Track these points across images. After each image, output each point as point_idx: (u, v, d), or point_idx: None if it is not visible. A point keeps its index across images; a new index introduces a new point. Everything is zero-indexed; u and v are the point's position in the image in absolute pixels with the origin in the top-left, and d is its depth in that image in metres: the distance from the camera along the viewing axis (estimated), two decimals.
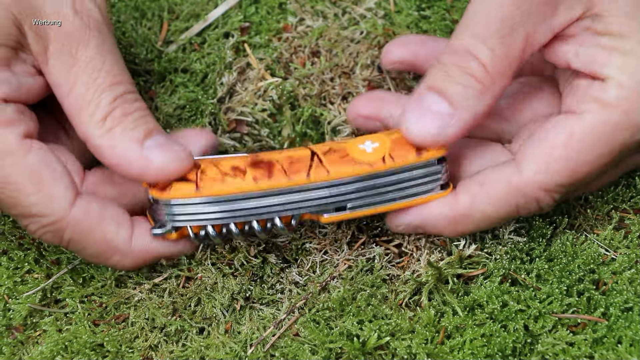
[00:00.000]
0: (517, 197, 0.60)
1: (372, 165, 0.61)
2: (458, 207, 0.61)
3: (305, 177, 0.61)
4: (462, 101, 0.58)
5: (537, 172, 0.59)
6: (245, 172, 0.61)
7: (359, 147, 0.62)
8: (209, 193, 0.61)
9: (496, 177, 0.60)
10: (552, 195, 0.60)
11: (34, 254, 0.67)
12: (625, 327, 0.60)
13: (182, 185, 0.61)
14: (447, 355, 0.60)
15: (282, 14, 0.78)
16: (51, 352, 0.63)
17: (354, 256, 0.66)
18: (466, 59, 0.59)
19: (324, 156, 0.62)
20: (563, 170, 0.59)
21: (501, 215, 0.61)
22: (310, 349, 0.61)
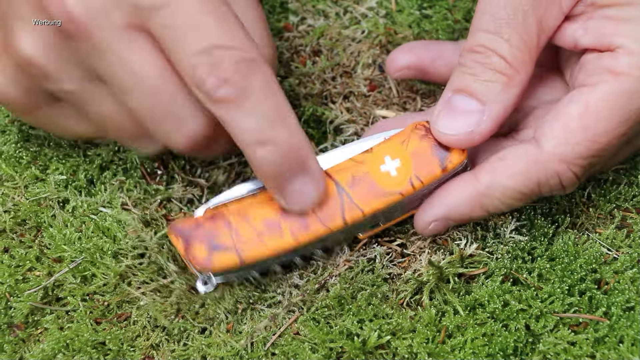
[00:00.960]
0: (538, 172, 0.59)
1: (403, 194, 0.61)
2: (479, 185, 0.61)
3: (342, 223, 0.61)
4: (490, 96, 0.59)
5: (556, 145, 0.59)
6: (280, 226, 0.60)
7: (381, 169, 0.61)
8: (252, 260, 0.60)
9: (516, 153, 0.60)
10: (573, 168, 0.59)
11: (35, 251, 0.67)
12: (627, 327, 0.60)
13: (224, 256, 0.60)
14: (448, 354, 0.60)
15: (284, 13, 0.78)
16: (52, 350, 0.63)
17: (355, 257, 0.66)
18: (486, 55, 0.59)
19: (351, 190, 0.61)
20: (582, 141, 0.58)
21: (523, 191, 0.60)
22: (310, 348, 0.61)
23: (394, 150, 0.62)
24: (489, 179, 0.60)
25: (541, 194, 0.61)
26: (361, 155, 0.62)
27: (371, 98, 0.75)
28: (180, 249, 0.62)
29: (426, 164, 0.61)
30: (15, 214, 0.69)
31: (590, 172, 0.62)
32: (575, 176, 0.60)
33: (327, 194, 0.61)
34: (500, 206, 0.61)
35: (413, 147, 0.62)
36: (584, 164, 0.59)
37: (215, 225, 0.61)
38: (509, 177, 0.60)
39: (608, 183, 0.68)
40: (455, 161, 0.61)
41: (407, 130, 0.63)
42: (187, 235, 0.61)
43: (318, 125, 0.74)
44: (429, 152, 0.61)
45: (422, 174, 0.61)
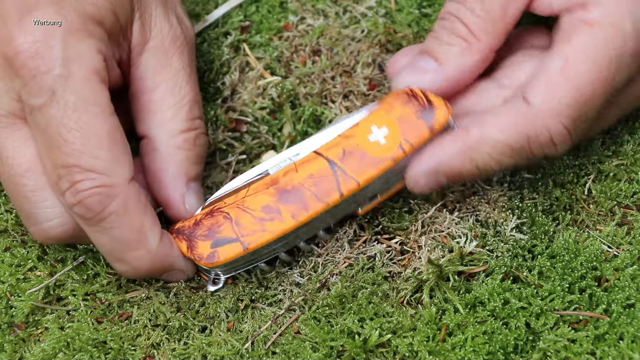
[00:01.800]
0: (527, 127, 0.60)
1: (395, 159, 0.62)
2: (469, 138, 0.62)
3: (339, 196, 0.62)
4: (447, 58, 0.63)
5: (543, 101, 0.60)
6: (279, 210, 0.62)
7: (370, 139, 0.63)
8: (256, 246, 0.62)
9: (506, 108, 0.62)
10: (563, 121, 0.60)
11: (37, 251, 0.67)
12: (627, 324, 0.60)
13: (228, 248, 0.62)
14: (448, 352, 0.60)
15: (283, 13, 0.78)
16: (53, 350, 0.63)
17: (355, 254, 0.66)
18: (451, 21, 0.63)
19: (343, 163, 0.62)
20: (567, 92, 0.60)
21: (513, 146, 0.61)
22: (311, 347, 0.61)
23: (380, 120, 0.63)
24: (479, 132, 0.62)
25: (532, 153, 0.62)
26: (348, 130, 0.64)
27: (371, 97, 0.75)
28: (185, 250, 0.63)
29: (413, 127, 0.63)
30: (16, 213, 0.69)
31: (581, 130, 0.62)
32: (566, 130, 0.61)
33: (320, 172, 0.62)
34: (489, 161, 0.62)
35: (398, 113, 0.63)
36: (574, 115, 0.60)
37: (215, 221, 0.62)
38: (499, 130, 0.61)
39: (609, 179, 0.68)
40: (442, 120, 0.62)
41: (389, 99, 0.64)
42: (189, 235, 0.63)
43: (317, 125, 0.74)
44: (414, 116, 0.63)
45: (410, 137, 0.62)
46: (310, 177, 0.63)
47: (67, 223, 0.61)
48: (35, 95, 0.58)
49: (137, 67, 0.64)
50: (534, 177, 0.69)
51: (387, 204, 0.68)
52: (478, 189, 0.69)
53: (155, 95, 0.64)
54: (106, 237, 0.60)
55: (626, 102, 0.66)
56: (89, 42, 0.59)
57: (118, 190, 0.59)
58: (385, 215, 0.68)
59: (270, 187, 0.63)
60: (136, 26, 0.63)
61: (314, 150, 0.64)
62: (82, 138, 0.58)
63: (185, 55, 0.65)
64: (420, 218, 0.67)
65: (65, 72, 0.58)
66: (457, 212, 0.67)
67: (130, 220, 0.60)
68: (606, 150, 0.70)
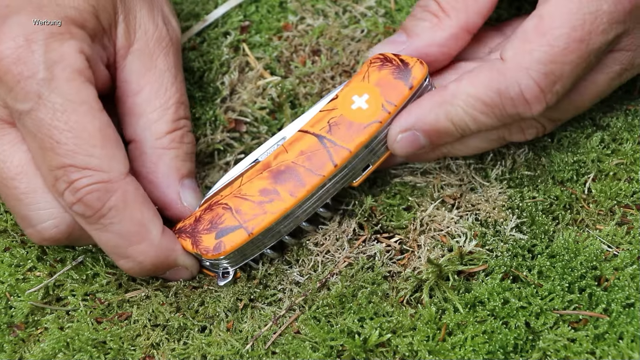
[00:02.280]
0: (499, 80, 0.61)
1: (381, 122, 0.64)
2: (445, 92, 0.63)
3: (333, 166, 0.63)
4: (416, 31, 0.66)
5: (514, 54, 0.61)
6: (277, 191, 0.62)
7: (353, 108, 0.64)
8: (260, 230, 0.62)
9: (483, 65, 0.63)
10: (532, 74, 0.60)
11: (36, 251, 0.67)
12: (627, 323, 0.60)
13: (233, 236, 0.62)
14: (448, 352, 0.60)
15: (283, 13, 0.78)
16: (52, 350, 0.63)
17: (355, 254, 0.66)
18: (426, 1, 0.67)
19: (331, 135, 0.64)
20: (538, 46, 0.61)
21: (485, 100, 0.62)
22: (311, 346, 0.61)
23: (358, 88, 0.65)
24: (454, 86, 0.63)
25: (505, 110, 0.62)
26: (329, 104, 0.65)
27: None
28: (190, 248, 0.63)
29: (393, 88, 0.64)
30: None
31: (555, 92, 0.62)
32: (536, 86, 0.61)
33: (310, 148, 0.64)
34: (464, 117, 0.63)
35: (375, 79, 0.65)
36: (544, 70, 0.61)
37: (215, 213, 0.63)
38: (471, 84, 0.62)
39: (609, 179, 0.68)
40: (419, 76, 0.64)
41: (363, 68, 0.66)
42: (192, 232, 0.63)
43: None
44: (392, 77, 0.65)
45: (392, 98, 0.64)
46: (302, 154, 0.64)
47: (61, 224, 0.61)
48: (21, 100, 0.58)
49: (122, 70, 0.64)
50: (534, 174, 0.69)
51: (384, 201, 0.68)
52: (476, 185, 0.69)
53: (140, 98, 0.64)
54: (108, 233, 0.60)
55: (606, 82, 0.65)
56: (70, 43, 0.59)
57: (116, 185, 0.59)
58: (384, 213, 0.68)
59: (264, 172, 0.64)
60: (120, 29, 0.63)
61: (298, 130, 0.65)
62: (74, 138, 0.58)
63: (171, 56, 0.65)
64: (419, 216, 0.67)
65: (49, 75, 0.58)
66: (456, 211, 0.67)
67: (130, 214, 0.60)
68: (606, 149, 0.70)
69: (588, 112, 0.71)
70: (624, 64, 0.65)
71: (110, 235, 0.60)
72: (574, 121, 0.71)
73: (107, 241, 0.61)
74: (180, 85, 0.65)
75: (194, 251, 0.63)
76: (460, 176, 0.70)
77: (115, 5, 0.63)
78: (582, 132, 0.70)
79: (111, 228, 0.60)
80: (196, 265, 0.65)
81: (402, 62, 0.65)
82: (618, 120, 0.71)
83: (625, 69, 0.65)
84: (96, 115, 0.59)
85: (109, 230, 0.60)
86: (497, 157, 0.70)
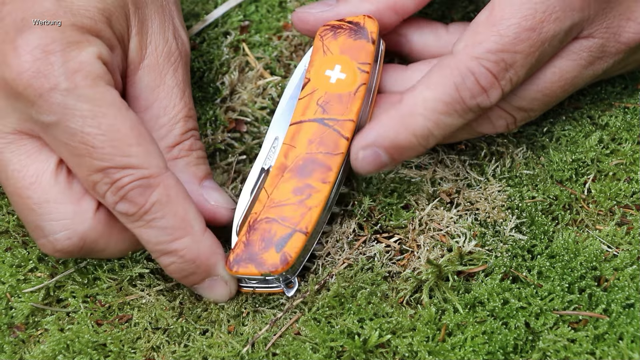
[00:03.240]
0: (453, 75, 0.61)
1: (365, 82, 0.64)
2: (402, 106, 0.63)
3: (346, 140, 0.64)
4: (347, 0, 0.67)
5: (464, 46, 0.62)
6: (308, 184, 0.63)
7: (332, 82, 0.65)
8: (313, 226, 0.63)
9: (435, 66, 0.63)
10: (484, 64, 0.61)
11: (37, 251, 0.67)
12: (627, 324, 0.60)
13: (292, 242, 0.62)
14: (448, 352, 0.60)
15: (282, 13, 0.78)
16: (53, 351, 0.63)
17: (355, 255, 0.66)
18: None
19: (328, 114, 0.64)
20: (488, 36, 0.61)
21: (444, 99, 0.62)
22: (311, 347, 0.62)
23: (326, 63, 0.66)
24: (410, 97, 0.63)
25: (465, 104, 0.62)
26: (305, 89, 0.65)
27: None
28: (256, 272, 0.62)
29: (358, 49, 0.65)
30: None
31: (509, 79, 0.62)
32: (489, 73, 0.61)
33: (316, 133, 0.64)
34: (426, 124, 0.62)
35: (336, 48, 0.66)
36: (495, 59, 0.61)
37: (262, 230, 0.63)
38: (427, 87, 0.62)
39: (608, 179, 0.68)
40: (374, 28, 0.65)
41: (317, 44, 0.66)
42: (250, 257, 0.62)
43: None
44: (351, 40, 0.66)
45: (362, 58, 0.65)
46: (311, 142, 0.64)
47: (74, 236, 0.61)
48: (46, 113, 0.58)
49: (131, 85, 0.64)
50: (533, 173, 0.69)
51: (382, 200, 0.68)
52: (472, 182, 0.69)
53: (149, 115, 0.64)
54: (152, 229, 0.60)
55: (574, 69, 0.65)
56: (88, 50, 0.59)
57: (158, 179, 0.59)
58: (383, 212, 0.68)
59: (285, 173, 0.63)
60: (133, 43, 0.63)
61: (290, 123, 0.65)
62: (109, 141, 0.58)
63: (180, 71, 0.65)
64: (418, 216, 0.67)
65: (72, 85, 0.58)
66: (455, 210, 0.67)
67: (174, 208, 0.60)
68: (605, 149, 0.69)
69: (586, 111, 0.71)
70: (593, 50, 0.64)
71: (154, 231, 0.60)
72: (572, 119, 0.71)
73: (151, 237, 0.60)
74: (188, 99, 0.66)
75: (262, 273, 0.62)
76: (455, 170, 0.69)
77: (129, 18, 0.63)
78: (580, 131, 0.70)
79: (155, 223, 0.60)
80: (235, 285, 0.64)
81: (352, 24, 0.66)
82: (617, 119, 0.71)
83: (596, 56, 0.65)
84: (126, 114, 0.59)
85: (153, 226, 0.60)
86: (495, 155, 0.70)
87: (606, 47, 0.64)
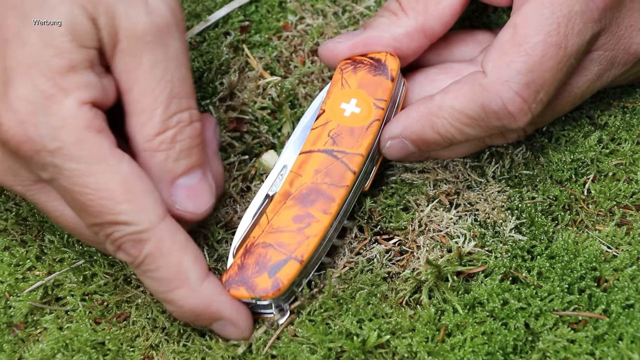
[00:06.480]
0: (482, 95, 0.61)
1: (379, 119, 0.65)
2: (431, 104, 0.64)
3: (352, 174, 0.64)
4: (375, 25, 0.68)
5: (493, 67, 0.61)
6: (309, 213, 0.62)
7: (346, 115, 0.65)
8: (309, 255, 0.62)
9: (466, 77, 0.63)
10: (514, 87, 0.60)
11: (36, 250, 0.67)
12: (627, 324, 0.60)
13: (286, 269, 0.61)
14: (447, 353, 0.60)
15: (282, 13, 0.78)
16: (52, 350, 0.63)
17: (355, 257, 0.66)
18: (389, 1, 0.69)
19: (338, 146, 0.64)
20: (516, 57, 0.61)
21: (469, 114, 0.62)
22: (309, 349, 0.61)
23: (342, 96, 0.66)
24: (440, 99, 0.63)
25: (491, 123, 0.62)
26: (319, 120, 0.66)
27: None
28: (246, 295, 0.61)
29: (376, 85, 0.66)
30: (17, 211, 0.69)
31: (539, 101, 0.62)
32: (519, 97, 0.61)
33: (323, 164, 0.64)
34: (450, 129, 0.63)
35: (355, 82, 0.66)
36: (525, 81, 0.60)
37: (258, 254, 0.62)
38: (456, 97, 0.62)
39: (608, 179, 0.68)
40: (395, 66, 0.66)
41: (336, 76, 0.67)
42: (242, 280, 0.62)
43: None
44: (371, 76, 0.66)
45: (379, 94, 0.65)
46: (317, 172, 0.64)
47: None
48: (41, 171, 0.59)
49: (113, 70, 0.61)
50: (532, 174, 0.69)
51: (382, 202, 0.68)
52: (472, 183, 0.69)
53: (130, 98, 0.61)
54: (149, 279, 0.60)
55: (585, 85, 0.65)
56: (69, 101, 0.58)
57: (149, 234, 0.59)
58: (383, 214, 0.68)
59: (288, 200, 0.63)
60: (104, 33, 0.60)
61: (300, 152, 0.65)
62: (97, 199, 0.58)
63: (159, 49, 0.60)
64: (418, 217, 0.67)
65: (57, 144, 0.57)
66: (455, 211, 0.67)
67: (167, 261, 0.59)
68: (604, 150, 0.69)
69: (585, 110, 0.71)
70: (603, 64, 0.65)
71: (151, 281, 0.60)
72: (571, 119, 0.71)
73: (150, 286, 0.61)
74: (172, 76, 0.61)
75: (252, 297, 0.61)
76: (455, 173, 0.69)
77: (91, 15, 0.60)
78: (579, 131, 0.70)
79: (150, 274, 0.60)
80: (246, 323, 0.63)
81: (373, 60, 0.66)
82: (616, 119, 0.71)
83: (605, 69, 0.65)
84: (115, 169, 0.58)
85: (149, 277, 0.60)
86: (495, 156, 0.70)
87: (615, 59, 0.65)
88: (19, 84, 0.58)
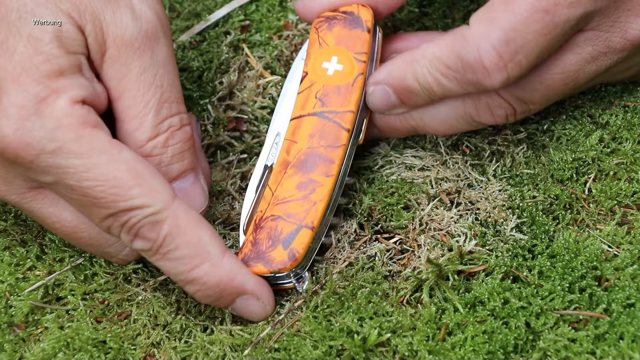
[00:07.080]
0: (461, 45, 0.61)
1: (363, 72, 0.65)
2: (416, 51, 0.64)
3: (347, 132, 0.64)
4: None
5: (478, 20, 0.61)
6: (311, 179, 0.63)
7: (329, 74, 0.65)
8: (319, 220, 0.63)
9: (453, 30, 0.63)
10: (492, 41, 0.60)
11: (36, 250, 0.67)
12: (627, 323, 0.60)
13: (299, 238, 0.62)
14: (448, 352, 0.60)
15: (283, 12, 0.78)
16: (53, 349, 0.63)
17: (355, 254, 0.66)
18: None
19: (327, 107, 0.64)
20: (501, 15, 0.60)
21: (447, 63, 0.62)
22: (311, 344, 0.61)
23: (322, 55, 0.66)
24: (425, 47, 0.63)
25: (466, 77, 0.62)
26: (303, 83, 0.66)
27: None
28: (265, 270, 0.62)
29: (354, 39, 0.66)
30: (16, 212, 0.69)
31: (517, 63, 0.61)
32: (495, 53, 0.60)
33: (316, 127, 0.64)
34: (428, 77, 0.63)
35: (332, 39, 0.66)
36: (505, 37, 0.60)
37: (269, 228, 0.63)
38: (438, 45, 0.62)
39: (609, 178, 0.68)
40: (369, 17, 0.66)
41: (312, 36, 0.66)
42: (258, 255, 0.62)
43: None
44: (346, 30, 0.66)
45: (358, 47, 0.66)
46: (311, 136, 0.64)
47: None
48: (42, 175, 0.59)
49: (103, 77, 0.62)
50: (533, 172, 0.69)
51: (383, 200, 0.68)
52: (473, 182, 0.69)
53: (121, 104, 0.62)
54: (169, 261, 0.60)
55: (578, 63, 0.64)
56: (61, 101, 0.58)
57: (165, 213, 0.59)
58: (383, 212, 0.68)
59: (288, 169, 0.63)
60: (91, 40, 0.60)
61: (290, 119, 0.65)
62: (109, 189, 0.58)
63: (147, 55, 0.61)
64: (419, 215, 0.67)
65: (57, 145, 0.57)
66: (456, 210, 0.67)
67: (186, 237, 0.60)
68: (606, 149, 0.69)
69: (586, 109, 0.71)
70: (597, 45, 0.64)
71: (171, 262, 0.60)
72: (572, 118, 0.71)
73: (170, 269, 0.61)
74: (162, 82, 0.62)
75: (271, 271, 0.62)
76: (456, 172, 0.69)
77: (76, 23, 0.60)
78: (580, 130, 0.70)
79: (170, 255, 0.60)
80: (270, 297, 0.63)
81: (345, 13, 0.66)
82: (617, 118, 0.71)
83: (600, 51, 0.64)
84: (118, 157, 0.59)
85: (169, 258, 0.60)
86: (496, 154, 0.70)
87: (611, 43, 0.64)
88: (11, 92, 0.58)
